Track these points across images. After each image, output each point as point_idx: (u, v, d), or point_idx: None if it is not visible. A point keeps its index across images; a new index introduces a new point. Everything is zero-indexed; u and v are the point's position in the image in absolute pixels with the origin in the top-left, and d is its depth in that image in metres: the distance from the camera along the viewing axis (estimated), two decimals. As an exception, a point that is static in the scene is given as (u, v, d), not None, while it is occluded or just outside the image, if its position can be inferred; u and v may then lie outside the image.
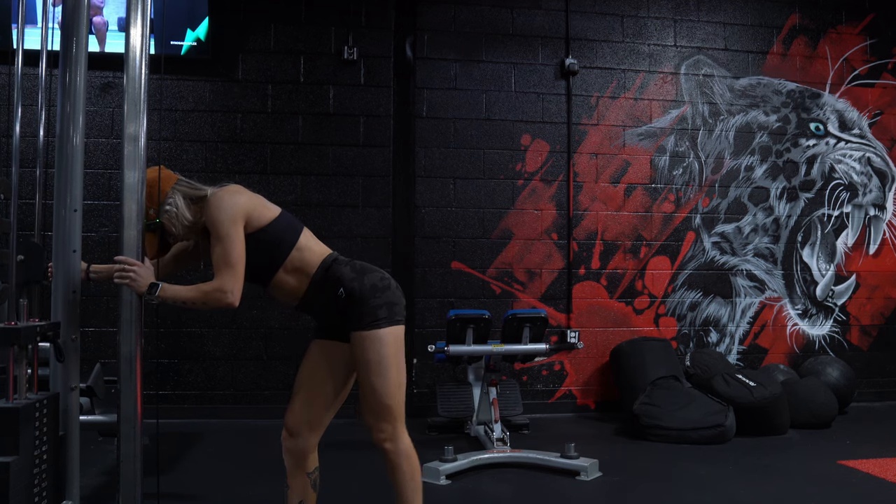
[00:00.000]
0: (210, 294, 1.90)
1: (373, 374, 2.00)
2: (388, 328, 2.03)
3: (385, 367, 2.01)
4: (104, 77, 4.59)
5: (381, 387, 2.00)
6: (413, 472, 2.06)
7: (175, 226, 2.03)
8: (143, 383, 1.92)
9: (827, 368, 4.87)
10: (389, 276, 2.12)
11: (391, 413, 2.03)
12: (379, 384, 2.00)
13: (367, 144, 4.82)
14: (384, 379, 2.01)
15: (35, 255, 1.88)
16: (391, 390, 2.02)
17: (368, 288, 2.03)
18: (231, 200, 1.98)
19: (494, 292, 4.89)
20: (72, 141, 1.97)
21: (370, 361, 2.00)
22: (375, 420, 2.03)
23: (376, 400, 2.01)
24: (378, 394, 2.01)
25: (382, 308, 2.02)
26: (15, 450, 1.65)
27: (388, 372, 2.01)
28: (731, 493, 3.05)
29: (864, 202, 5.42)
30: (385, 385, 2.01)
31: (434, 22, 4.93)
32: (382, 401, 2.01)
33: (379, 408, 2.02)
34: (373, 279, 2.06)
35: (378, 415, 2.02)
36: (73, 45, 1.98)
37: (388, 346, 2.01)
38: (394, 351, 2.03)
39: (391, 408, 2.02)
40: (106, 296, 4.43)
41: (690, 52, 5.22)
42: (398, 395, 2.04)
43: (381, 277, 2.08)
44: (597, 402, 4.98)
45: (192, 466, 3.47)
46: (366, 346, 2.01)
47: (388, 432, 2.03)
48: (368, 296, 2.02)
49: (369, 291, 2.03)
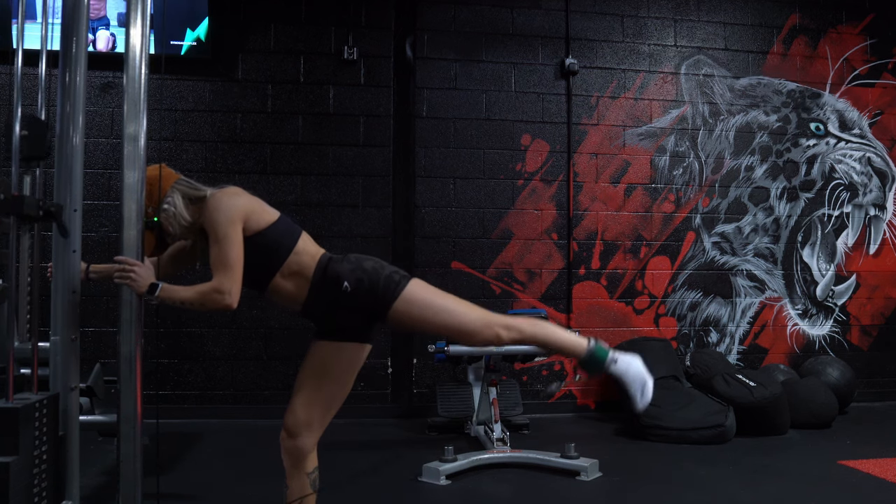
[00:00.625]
0: (208, 295, 1.90)
1: (435, 318, 2.04)
2: (409, 282, 2.07)
3: (435, 307, 2.05)
4: (104, 77, 4.59)
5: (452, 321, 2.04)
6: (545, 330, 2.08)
7: (172, 225, 2.03)
8: (143, 383, 1.92)
9: (827, 368, 4.87)
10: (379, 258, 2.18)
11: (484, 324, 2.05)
12: (450, 318, 2.04)
13: (367, 144, 4.82)
14: (447, 314, 2.05)
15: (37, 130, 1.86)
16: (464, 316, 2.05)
17: (371, 272, 2.07)
18: (230, 202, 1.98)
19: (494, 292, 4.89)
20: (72, 141, 1.97)
21: (425, 312, 2.04)
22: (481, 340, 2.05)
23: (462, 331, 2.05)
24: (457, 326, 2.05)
25: (393, 274, 2.08)
26: (15, 450, 1.65)
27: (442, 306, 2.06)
28: (731, 493, 3.05)
29: (865, 202, 5.42)
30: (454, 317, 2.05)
31: (434, 22, 4.93)
32: (467, 327, 2.04)
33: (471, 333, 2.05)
34: (371, 264, 2.11)
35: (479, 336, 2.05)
36: (73, 45, 1.98)
37: (422, 293, 2.06)
38: (430, 291, 2.08)
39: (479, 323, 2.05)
40: (106, 296, 4.43)
41: (690, 52, 5.22)
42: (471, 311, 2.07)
43: (374, 260, 2.14)
44: (597, 402, 4.98)
45: (192, 466, 3.47)
46: (409, 308, 2.04)
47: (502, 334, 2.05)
48: (376, 277, 2.06)
49: (373, 274, 2.06)
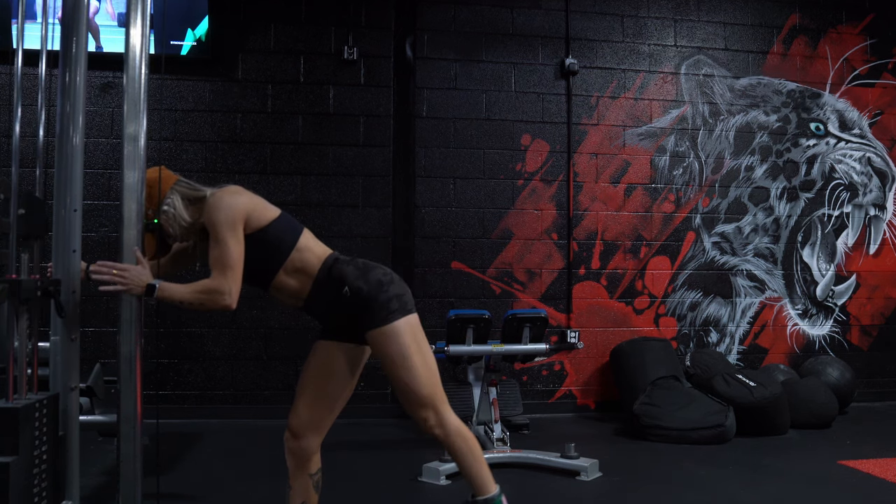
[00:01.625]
0: (207, 295, 1.90)
1: (399, 369, 2.00)
2: (403, 318, 2.02)
3: (408, 358, 2.00)
4: (104, 77, 4.59)
5: (410, 379, 2.00)
6: (470, 447, 2.05)
7: (172, 226, 2.03)
8: (143, 383, 1.91)
9: (827, 368, 4.87)
10: (391, 271, 2.11)
11: (430, 400, 2.02)
12: (407, 377, 2.00)
13: (367, 144, 4.82)
14: (411, 370, 2.00)
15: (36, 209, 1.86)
16: (422, 379, 2.01)
17: (374, 284, 2.02)
18: (231, 201, 1.97)
19: (494, 292, 4.89)
20: (72, 141, 1.96)
21: (393, 356, 2.00)
22: (416, 411, 2.03)
23: (411, 393, 2.01)
24: (410, 386, 2.00)
25: (392, 301, 2.02)
26: (15, 450, 1.65)
27: (412, 362, 2.00)
28: (731, 493, 3.05)
29: (865, 202, 5.42)
30: (414, 376, 2.00)
31: (434, 22, 4.93)
32: (416, 391, 2.01)
33: (415, 399, 2.01)
34: (377, 275, 2.05)
35: (417, 405, 2.02)
36: (73, 45, 1.98)
37: (406, 336, 2.01)
38: (413, 339, 2.02)
39: (427, 396, 2.01)
40: (106, 296, 4.40)
41: (690, 52, 5.22)
42: (430, 380, 2.03)
43: (384, 272, 2.07)
44: (597, 402, 4.98)
45: (192, 466, 3.47)
46: (385, 342, 2.00)
47: (433, 419, 2.02)
48: (376, 292, 2.01)
49: (376, 288, 2.02)
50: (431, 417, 2.02)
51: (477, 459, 2.05)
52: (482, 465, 2.06)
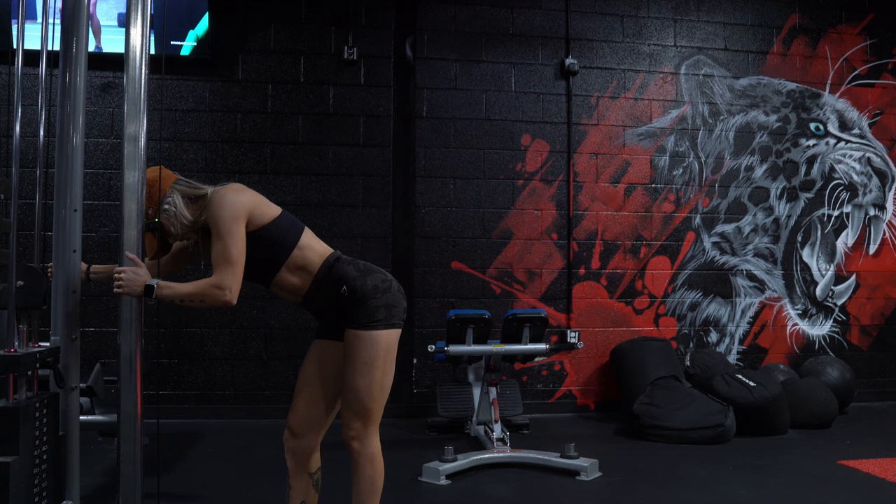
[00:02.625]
0: (208, 291, 1.90)
1: (358, 373, 2.00)
2: (384, 331, 2.02)
3: (371, 368, 2.00)
4: (104, 77, 4.59)
5: (363, 387, 2.00)
6: (374, 477, 2.04)
7: (174, 225, 2.03)
8: (143, 383, 1.92)
9: (827, 368, 4.87)
10: (392, 278, 2.11)
11: (367, 414, 2.01)
12: (362, 384, 2.00)
13: (367, 144, 4.82)
14: (368, 380, 2.00)
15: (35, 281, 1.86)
16: (373, 392, 2.00)
17: (370, 288, 2.03)
18: (233, 198, 1.97)
19: (494, 292, 4.89)
20: (72, 141, 1.97)
21: (358, 361, 2.00)
22: (349, 417, 2.02)
23: (356, 399, 2.00)
24: (359, 393, 2.00)
25: (381, 310, 2.02)
26: (15, 450, 1.65)
27: (373, 373, 2.00)
28: (731, 493, 3.05)
29: (864, 202, 5.42)
30: (368, 386, 2.00)
31: (434, 22, 4.93)
32: (361, 400, 2.00)
33: (356, 406, 2.01)
34: (375, 280, 2.05)
35: (354, 413, 2.01)
36: (73, 45, 1.98)
37: (379, 348, 2.01)
38: (384, 354, 2.02)
39: (369, 410, 2.01)
40: (106, 296, 4.43)
41: (690, 52, 5.22)
42: (379, 398, 2.03)
43: (383, 279, 2.07)
44: (597, 402, 4.98)
45: (192, 466, 3.47)
46: (357, 345, 2.00)
47: (358, 431, 2.01)
48: (369, 295, 2.02)
49: (371, 291, 2.02)
50: (358, 429, 2.01)
51: (373, 493, 2.05)
52: (375, 501, 2.05)
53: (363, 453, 2.02)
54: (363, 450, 2.02)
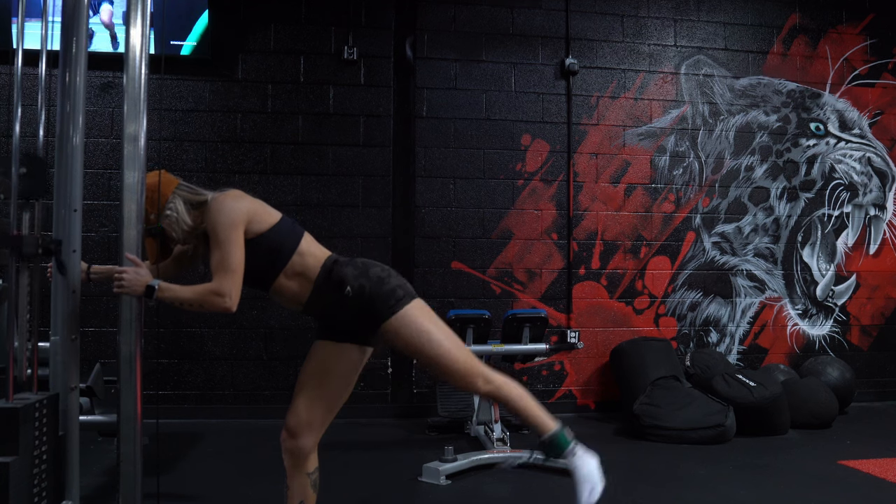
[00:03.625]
0: (208, 297, 1.90)
1: (426, 347, 2.02)
2: (411, 303, 2.04)
3: (429, 334, 2.02)
4: (104, 77, 4.59)
5: (441, 354, 2.02)
6: (520, 393, 2.08)
7: (175, 230, 2.03)
8: (143, 383, 1.92)
9: (827, 368, 4.87)
10: (388, 267, 2.14)
11: (467, 369, 2.04)
12: (438, 352, 2.02)
13: (367, 144, 4.82)
14: (439, 346, 2.02)
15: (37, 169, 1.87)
16: (452, 351, 2.03)
17: (375, 281, 2.04)
18: (232, 205, 1.98)
19: (494, 292, 4.89)
20: (72, 141, 1.96)
21: (415, 338, 2.02)
22: (461, 381, 2.05)
23: (448, 365, 2.03)
24: (444, 360, 2.02)
25: (397, 289, 2.05)
26: (15, 450, 1.65)
27: (436, 337, 2.03)
28: (731, 493, 3.05)
29: (865, 202, 5.42)
30: (444, 350, 2.02)
31: (434, 22, 4.93)
32: (452, 366, 2.03)
33: (455, 370, 2.03)
34: (376, 271, 2.08)
35: (460, 377, 2.04)
36: (73, 45, 1.98)
37: (419, 317, 2.03)
38: (427, 318, 2.05)
39: (464, 362, 2.04)
40: (106, 296, 4.43)
41: (690, 52, 5.22)
42: (460, 349, 2.05)
43: (381, 268, 2.10)
44: (597, 402, 4.98)
45: (192, 466, 3.47)
46: (403, 328, 2.02)
47: (480, 382, 2.04)
48: (378, 287, 2.03)
49: (377, 284, 2.04)
50: (477, 382, 2.04)
51: (530, 403, 2.08)
52: (538, 408, 2.09)
53: (497, 389, 2.06)
54: (496, 388, 2.05)
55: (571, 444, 2.07)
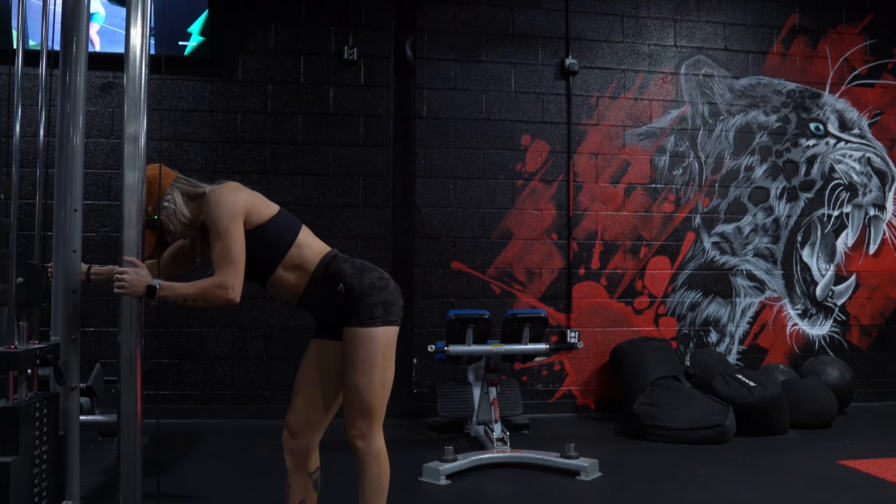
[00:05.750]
0: (210, 290, 1.90)
1: (358, 372, 1.99)
2: (382, 328, 2.02)
3: (371, 366, 1.99)
4: (104, 77, 4.59)
5: (364, 385, 1.99)
6: (380, 475, 2.04)
7: (173, 223, 2.03)
8: (143, 383, 1.92)
9: (827, 368, 4.87)
10: (389, 276, 2.11)
11: (371, 413, 2.01)
12: (363, 382, 1.99)
13: (367, 144, 4.82)
14: (369, 378, 1.99)
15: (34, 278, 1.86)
16: (374, 390, 2.00)
17: (367, 285, 2.03)
18: (231, 197, 1.97)
19: (494, 292, 4.89)
20: (72, 141, 1.97)
21: (358, 359, 2.00)
22: (353, 416, 2.01)
23: (358, 397, 2.00)
24: (361, 392, 1.99)
25: (378, 307, 2.02)
26: (15, 450, 1.65)
27: (373, 371, 2.00)
28: (731, 493, 3.05)
29: (864, 202, 5.42)
30: (369, 384, 1.99)
31: (434, 22, 4.93)
32: (364, 399, 2.00)
33: (359, 405, 2.00)
34: (372, 278, 2.05)
35: (357, 412, 2.01)
36: (73, 45, 1.98)
37: (377, 345, 2.00)
38: (383, 350, 2.01)
39: (372, 408, 2.01)
40: (106, 296, 4.43)
41: (690, 52, 5.22)
42: (381, 395, 2.02)
43: (379, 277, 2.07)
44: (597, 402, 4.98)
45: (192, 466, 3.47)
46: (356, 343, 2.00)
47: (363, 430, 2.01)
48: (366, 293, 2.02)
49: (367, 289, 2.02)
50: (363, 428, 2.01)
51: (380, 492, 2.04)
52: (382, 499, 2.05)
53: (368, 452, 2.02)
54: (368, 448, 2.02)
55: None
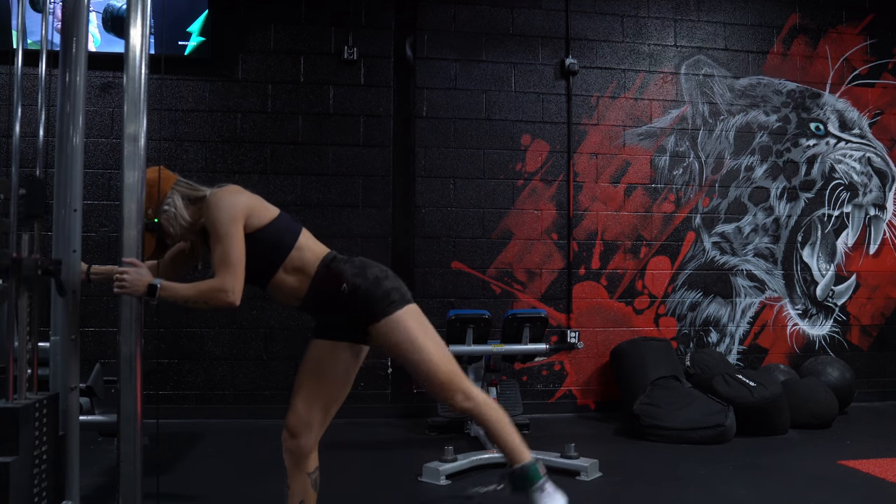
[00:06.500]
0: (210, 293, 1.91)
1: (411, 354, 2.01)
2: (404, 308, 2.04)
3: (418, 345, 2.01)
4: (104, 77, 4.59)
5: (425, 362, 2.01)
6: (498, 415, 2.06)
7: (173, 226, 2.03)
8: (143, 383, 1.92)
9: (827, 368, 4.87)
10: (387, 268, 2.14)
11: (449, 381, 2.03)
12: (422, 360, 2.01)
13: (367, 144, 4.82)
14: (423, 353, 2.01)
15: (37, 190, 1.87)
16: (436, 362, 2.02)
17: (372, 280, 2.04)
18: (231, 200, 1.98)
19: (494, 292, 4.88)
20: (72, 141, 1.97)
21: (401, 344, 2.02)
22: (440, 393, 2.04)
23: (429, 377, 2.02)
24: (428, 369, 2.02)
25: (392, 292, 2.04)
26: (15, 450, 1.65)
27: (423, 348, 2.02)
28: (731, 493, 3.05)
29: (865, 202, 5.42)
30: (428, 358, 2.01)
31: (434, 22, 4.93)
32: (434, 375, 2.02)
33: (436, 383, 2.03)
34: (374, 272, 2.07)
35: (439, 388, 2.03)
36: (73, 45, 1.98)
37: (410, 322, 2.03)
38: (419, 325, 2.04)
39: (446, 377, 2.03)
40: (106, 296, 4.43)
41: (690, 52, 5.22)
42: (445, 359, 2.04)
43: (380, 269, 2.10)
44: (597, 402, 4.98)
45: (192, 466, 3.47)
46: (391, 332, 2.02)
47: (457, 397, 2.04)
48: (374, 287, 2.03)
49: (373, 283, 2.04)
50: (457, 396, 2.03)
51: (507, 429, 2.06)
52: (514, 434, 2.07)
53: (476, 407, 2.04)
54: (474, 405, 2.04)
55: (542, 479, 2.02)
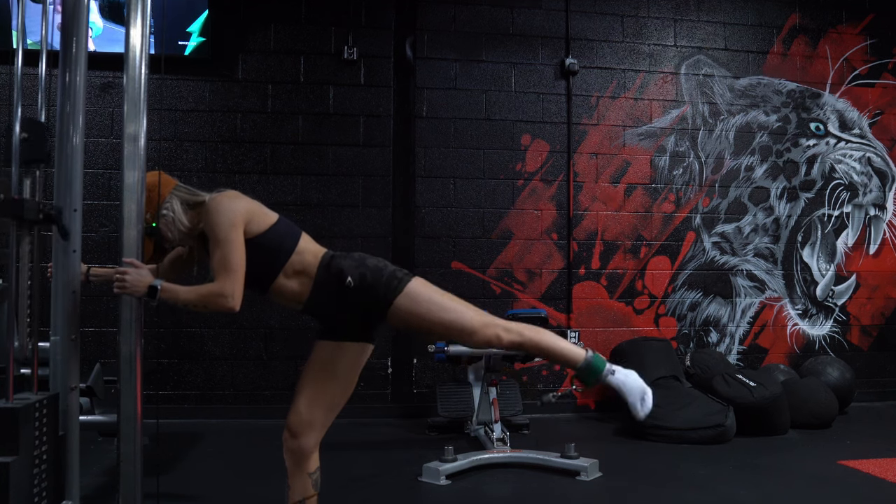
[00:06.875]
0: (210, 297, 1.91)
1: (439, 315, 2.04)
2: (413, 279, 2.08)
3: (442, 302, 2.06)
4: (104, 77, 4.59)
5: (457, 318, 2.04)
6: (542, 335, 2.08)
7: (171, 231, 2.03)
8: (143, 383, 1.92)
9: (827, 368, 4.87)
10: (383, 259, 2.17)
11: (484, 324, 2.05)
12: (452, 318, 2.04)
13: (367, 144, 4.82)
14: (451, 312, 2.05)
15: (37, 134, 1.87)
16: (465, 314, 2.05)
17: (374, 269, 2.07)
18: (230, 205, 1.98)
19: (494, 292, 4.88)
20: (72, 141, 1.96)
21: (428, 311, 2.04)
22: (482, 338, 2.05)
23: (464, 328, 2.04)
24: (459, 324, 2.04)
25: (396, 271, 2.08)
26: (15, 450, 1.65)
27: (447, 304, 2.06)
28: (731, 493, 3.05)
29: (865, 202, 5.42)
30: (458, 312, 2.05)
31: (434, 22, 4.93)
32: (469, 325, 2.04)
33: (471, 328, 2.04)
34: (373, 261, 2.11)
35: (480, 333, 2.05)
36: (73, 45, 1.98)
37: (425, 288, 2.07)
38: (433, 289, 2.08)
39: (480, 320, 2.05)
40: (106, 296, 4.43)
41: (690, 52, 5.22)
42: (472, 309, 2.07)
43: (378, 259, 2.13)
44: (597, 402, 4.98)
45: (192, 466, 3.47)
46: (411, 304, 2.04)
47: (501, 333, 2.05)
48: (377, 274, 2.06)
49: (376, 272, 2.06)
50: (499, 331, 2.04)
51: (556, 340, 2.09)
52: (563, 343, 2.09)
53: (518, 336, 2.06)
54: (516, 334, 2.06)
55: (606, 365, 2.07)
